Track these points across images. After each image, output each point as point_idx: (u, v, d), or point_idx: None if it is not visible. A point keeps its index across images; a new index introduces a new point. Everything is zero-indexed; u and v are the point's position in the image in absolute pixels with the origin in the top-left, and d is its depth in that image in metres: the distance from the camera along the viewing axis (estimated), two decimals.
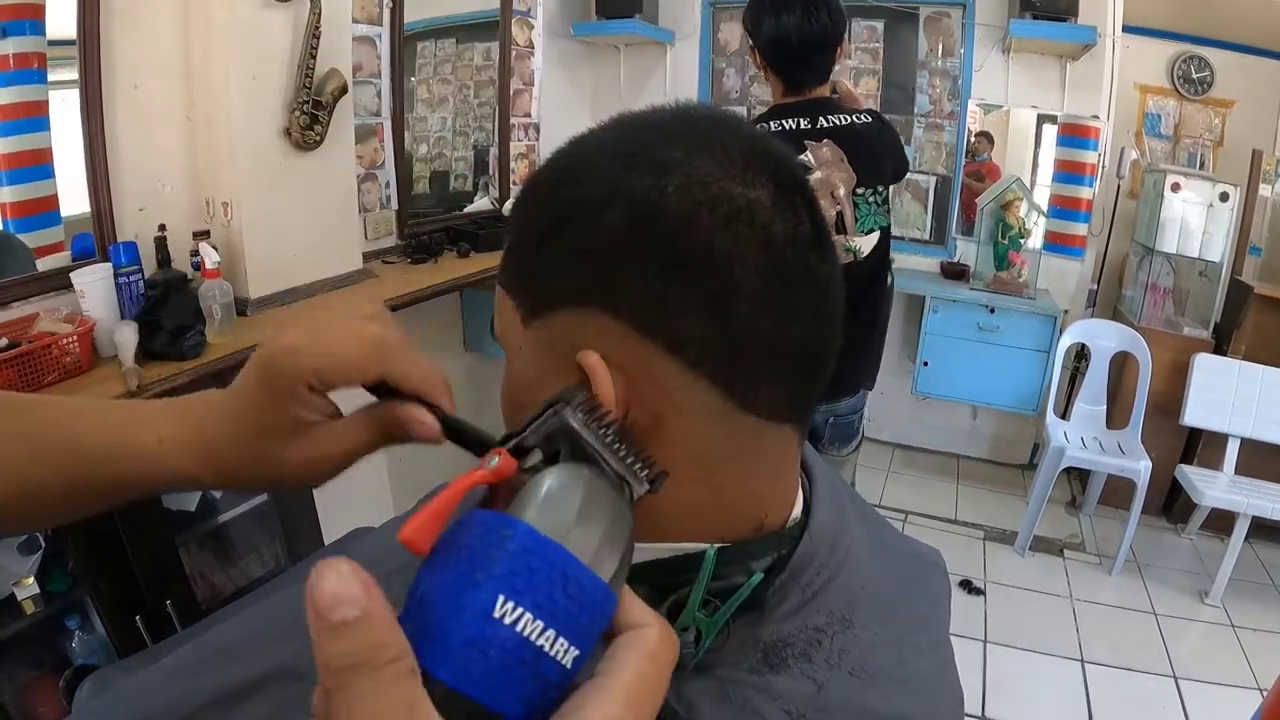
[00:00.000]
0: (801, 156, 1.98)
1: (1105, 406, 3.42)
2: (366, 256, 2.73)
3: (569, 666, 0.27)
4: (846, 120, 2.02)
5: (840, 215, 2.02)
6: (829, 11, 1.92)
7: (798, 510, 0.49)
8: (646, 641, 0.30)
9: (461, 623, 0.25)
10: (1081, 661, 2.63)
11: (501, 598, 0.25)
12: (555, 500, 0.29)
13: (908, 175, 3.67)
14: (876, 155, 2.06)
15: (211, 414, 0.47)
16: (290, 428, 0.43)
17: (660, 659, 0.31)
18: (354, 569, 0.24)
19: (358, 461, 0.46)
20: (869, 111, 2.10)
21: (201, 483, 0.51)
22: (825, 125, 2.00)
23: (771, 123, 2.01)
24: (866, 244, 2.08)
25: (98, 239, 1.95)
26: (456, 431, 0.41)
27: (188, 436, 0.48)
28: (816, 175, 1.96)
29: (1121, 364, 3.41)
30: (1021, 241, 3.59)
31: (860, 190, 2.03)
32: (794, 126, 1.99)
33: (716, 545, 0.44)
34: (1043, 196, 3.72)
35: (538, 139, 3.83)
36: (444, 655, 0.25)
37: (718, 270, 0.40)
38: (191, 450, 0.48)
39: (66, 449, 0.51)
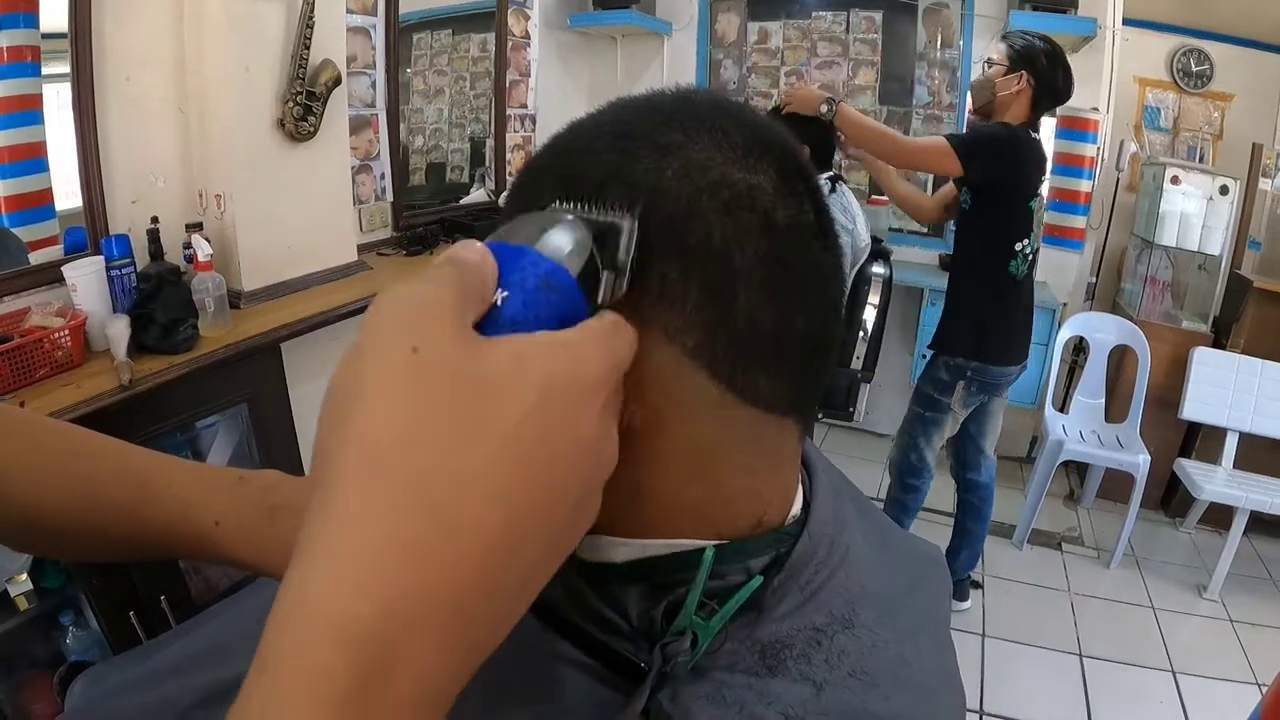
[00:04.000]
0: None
1: (1104, 400, 3.42)
2: (361, 249, 2.72)
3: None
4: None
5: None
6: None
7: (797, 507, 0.48)
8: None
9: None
10: (1079, 655, 2.63)
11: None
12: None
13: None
14: None
15: (285, 508, 0.47)
16: None
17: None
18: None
19: None
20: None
21: (258, 570, 0.54)
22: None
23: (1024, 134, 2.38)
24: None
25: (90, 232, 1.94)
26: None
27: (250, 523, 0.48)
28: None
29: (1120, 357, 3.40)
30: None
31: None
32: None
33: (714, 543, 0.43)
34: (1042, 189, 3.70)
35: (534, 130, 3.82)
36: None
37: (718, 257, 0.38)
38: (256, 540, 0.48)
39: (134, 514, 0.55)
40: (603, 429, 0.30)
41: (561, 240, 0.33)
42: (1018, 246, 2.43)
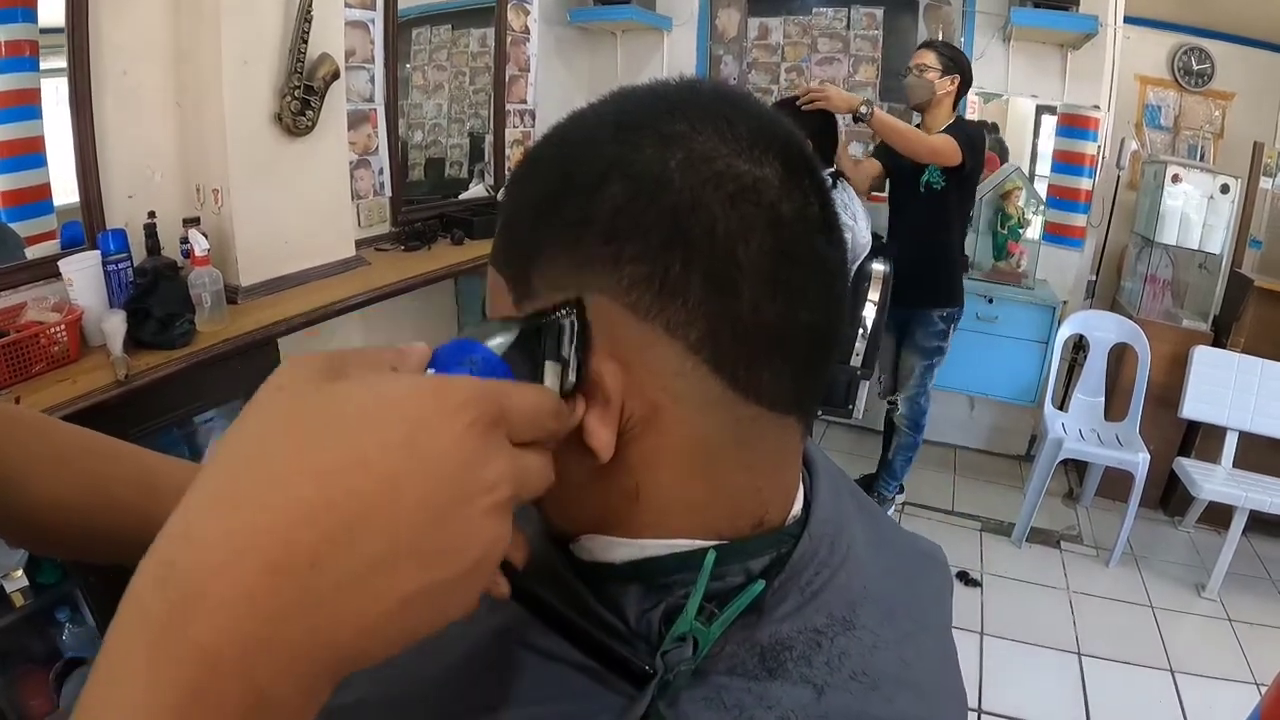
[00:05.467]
0: None
1: (1103, 398, 3.41)
2: (359, 244, 2.71)
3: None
4: None
5: None
6: None
7: (798, 506, 0.48)
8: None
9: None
10: (1078, 654, 2.63)
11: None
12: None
13: None
14: None
15: None
16: None
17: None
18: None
19: None
20: None
21: None
22: None
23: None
24: None
25: (86, 227, 1.94)
26: (532, 600, 0.41)
27: None
28: None
29: (1120, 356, 3.40)
30: (1020, 231, 3.59)
31: None
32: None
33: (714, 543, 0.42)
34: (1042, 187, 3.71)
35: (533, 126, 3.81)
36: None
37: (722, 250, 0.38)
38: None
39: (144, 514, 0.57)
40: (466, 446, 0.30)
41: (498, 334, 0.37)
42: (972, 214, 3.20)
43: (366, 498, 0.28)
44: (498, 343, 0.37)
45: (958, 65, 2.89)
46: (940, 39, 3.67)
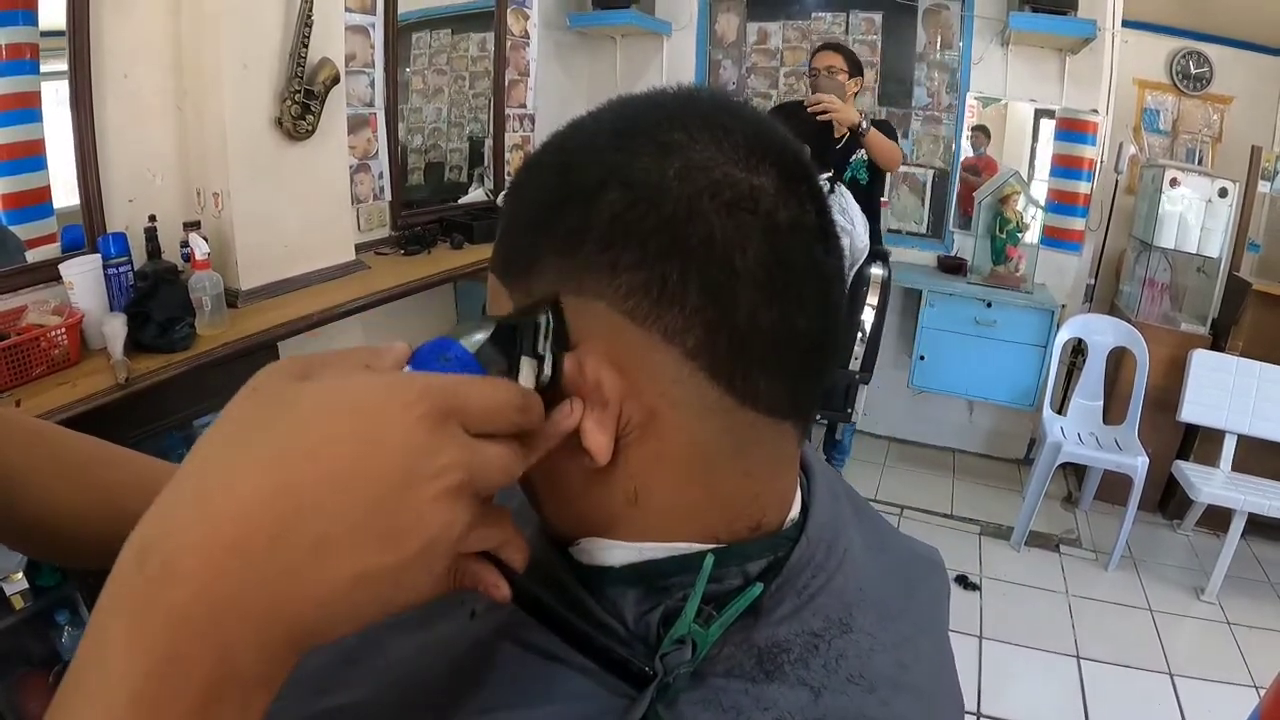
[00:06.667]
0: None
1: (1102, 402, 3.41)
2: (359, 248, 2.71)
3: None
4: None
5: None
6: None
7: (795, 510, 0.48)
8: None
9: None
10: (1077, 657, 2.63)
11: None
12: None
13: (904, 168, 3.70)
14: None
15: None
16: None
17: None
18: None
19: None
20: None
21: None
22: None
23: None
24: None
25: (87, 230, 1.94)
26: (530, 601, 0.41)
27: None
28: None
29: (1119, 359, 3.40)
30: (1019, 236, 3.59)
31: None
32: None
33: (712, 547, 0.43)
34: (1040, 191, 3.72)
35: (533, 130, 3.82)
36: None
37: (719, 258, 0.38)
38: None
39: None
40: (413, 436, 0.32)
41: (476, 332, 0.39)
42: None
43: (314, 486, 0.31)
44: (474, 340, 0.38)
45: (859, 67, 3.11)
46: (940, 43, 3.68)
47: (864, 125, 2.90)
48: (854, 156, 3.07)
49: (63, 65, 1.84)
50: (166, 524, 0.30)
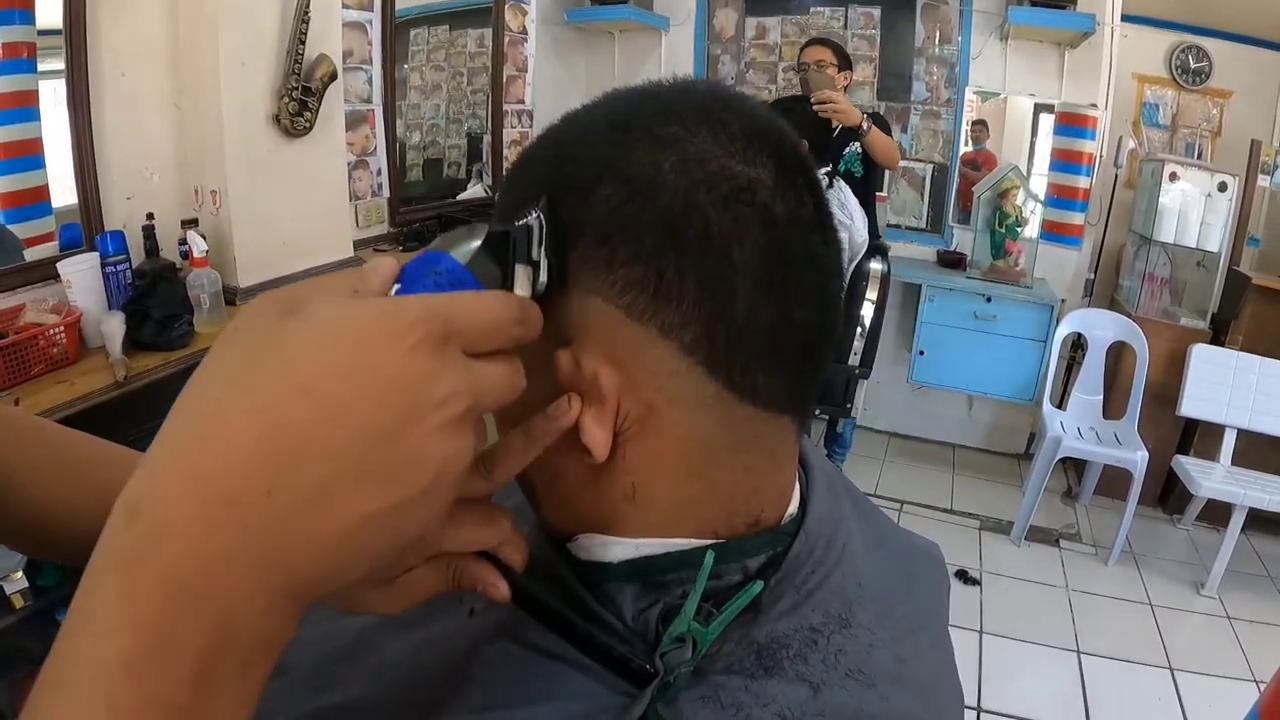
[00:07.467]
0: None
1: (1102, 396, 3.41)
2: (357, 244, 2.71)
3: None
4: None
5: None
6: None
7: (794, 505, 0.48)
8: None
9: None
10: (1077, 652, 2.63)
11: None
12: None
13: (904, 163, 3.70)
14: None
15: None
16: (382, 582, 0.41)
17: None
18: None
19: None
20: None
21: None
22: None
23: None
24: None
25: (85, 228, 1.93)
26: (529, 599, 0.41)
27: None
28: None
29: (1118, 354, 3.40)
30: (1018, 230, 3.59)
31: None
32: None
33: (711, 542, 0.43)
34: (1040, 185, 3.71)
35: (531, 126, 3.81)
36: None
37: (716, 251, 0.38)
38: None
39: None
40: (412, 364, 0.30)
41: (465, 242, 0.37)
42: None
43: (310, 425, 0.29)
44: (465, 250, 0.37)
45: (848, 61, 3.13)
46: (938, 38, 3.68)
47: (865, 126, 2.90)
48: (848, 149, 3.07)
49: (60, 64, 1.84)
50: (155, 479, 0.28)
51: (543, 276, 0.38)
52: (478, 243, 0.37)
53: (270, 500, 0.28)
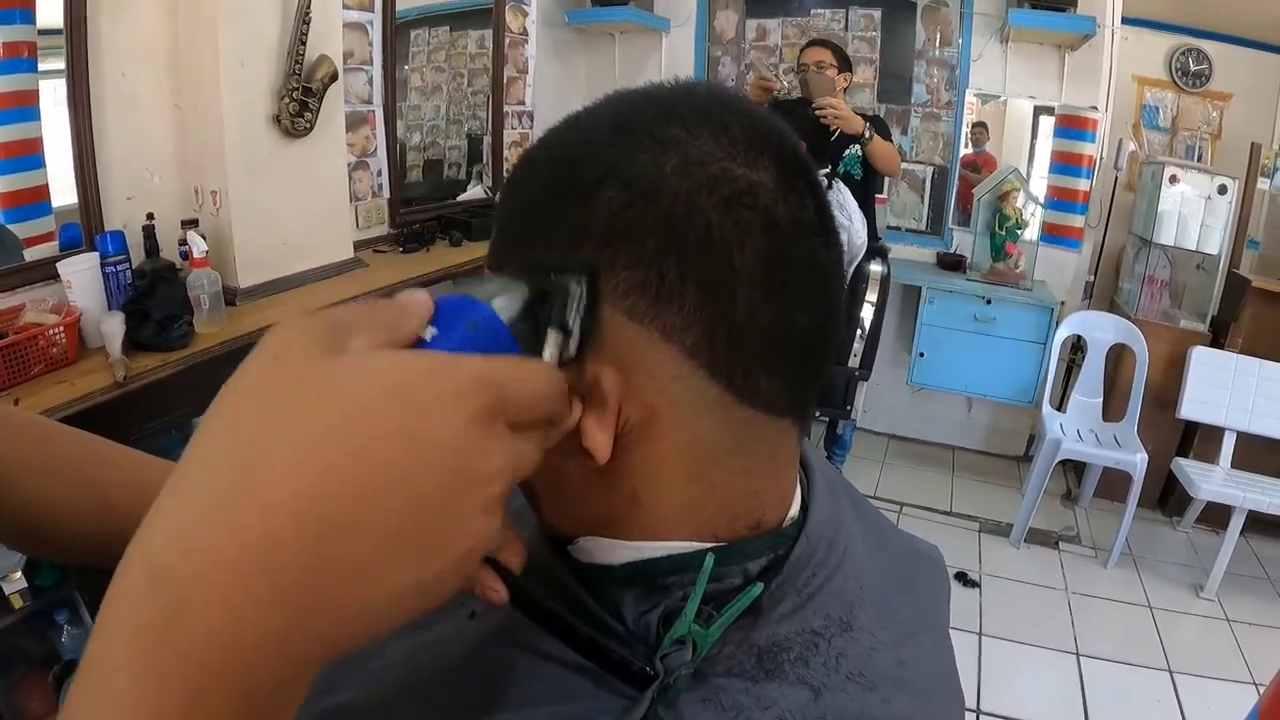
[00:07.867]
0: None
1: (1101, 399, 3.41)
2: (358, 245, 2.71)
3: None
4: None
5: None
6: None
7: (795, 508, 0.48)
8: None
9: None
10: (1077, 654, 2.63)
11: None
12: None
13: (904, 165, 3.70)
14: None
15: None
16: None
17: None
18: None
19: None
20: None
21: None
22: None
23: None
24: None
25: (85, 228, 1.93)
26: (529, 602, 0.40)
27: None
28: None
29: (1118, 356, 3.40)
30: (1018, 232, 3.59)
31: None
32: None
33: (712, 545, 0.43)
34: (1040, 188, 3.71)
35: (531, 127, 3.81)
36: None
37: (718, 254, 0.38)
38: None
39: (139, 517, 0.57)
40: (467, 438, 0.29)
41: (504, 294, 0.37)
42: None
43: (358, 493, 0.27)
44: (501, 304, 0.36)
45: (848, 62, 3.11)
46: (939, 40, 3.68)
47: (867, 134, 2.90)
48: (848, 152, 3.05)
49: (60, 64, 1.83)
50: (184, 540, 0.26)
51: (572, 348, 0.37)
52: (510, 298, 0.37)
53: (308, 574, 0.26)
